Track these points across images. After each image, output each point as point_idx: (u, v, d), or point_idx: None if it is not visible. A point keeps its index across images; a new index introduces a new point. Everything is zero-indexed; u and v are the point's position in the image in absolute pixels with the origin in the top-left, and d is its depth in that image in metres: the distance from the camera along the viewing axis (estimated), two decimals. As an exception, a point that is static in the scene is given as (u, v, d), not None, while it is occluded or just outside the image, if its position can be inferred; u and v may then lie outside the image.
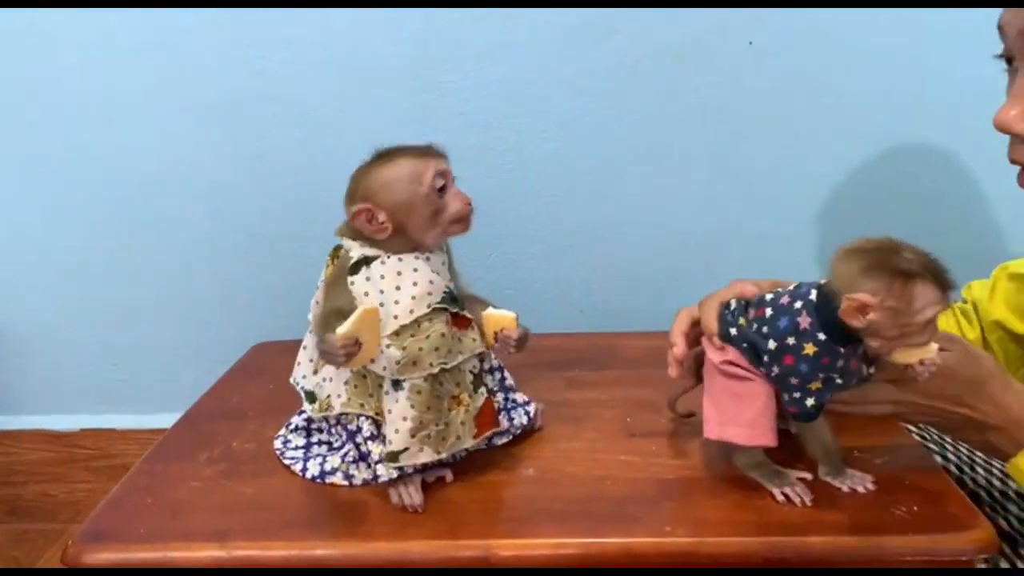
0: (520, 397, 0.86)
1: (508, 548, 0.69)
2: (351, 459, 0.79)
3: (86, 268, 1.29)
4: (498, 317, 0.78)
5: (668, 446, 0.85)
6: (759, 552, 0.69)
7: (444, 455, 0.75)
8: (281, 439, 0.86)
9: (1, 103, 1.22)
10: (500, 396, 0.84)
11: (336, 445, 0.82)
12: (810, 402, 0.71)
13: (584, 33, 1.14)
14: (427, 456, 0.74)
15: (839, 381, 0.70)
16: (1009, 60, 0.71)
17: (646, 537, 0.70)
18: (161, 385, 1.35)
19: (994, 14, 0.72)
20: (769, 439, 0.73)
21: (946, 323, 0.99)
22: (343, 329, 0.69)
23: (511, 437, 0.84)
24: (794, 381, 0.70)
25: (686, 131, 1.18)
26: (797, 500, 0.72)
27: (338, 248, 0.79)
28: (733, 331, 0.75)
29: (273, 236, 1.26)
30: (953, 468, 0.91)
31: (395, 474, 0.74)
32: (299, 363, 0.83)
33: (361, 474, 0.78)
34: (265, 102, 1.19)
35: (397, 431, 0.73)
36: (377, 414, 0.76)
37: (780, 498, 0.73)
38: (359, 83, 1.17)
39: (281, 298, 1.29)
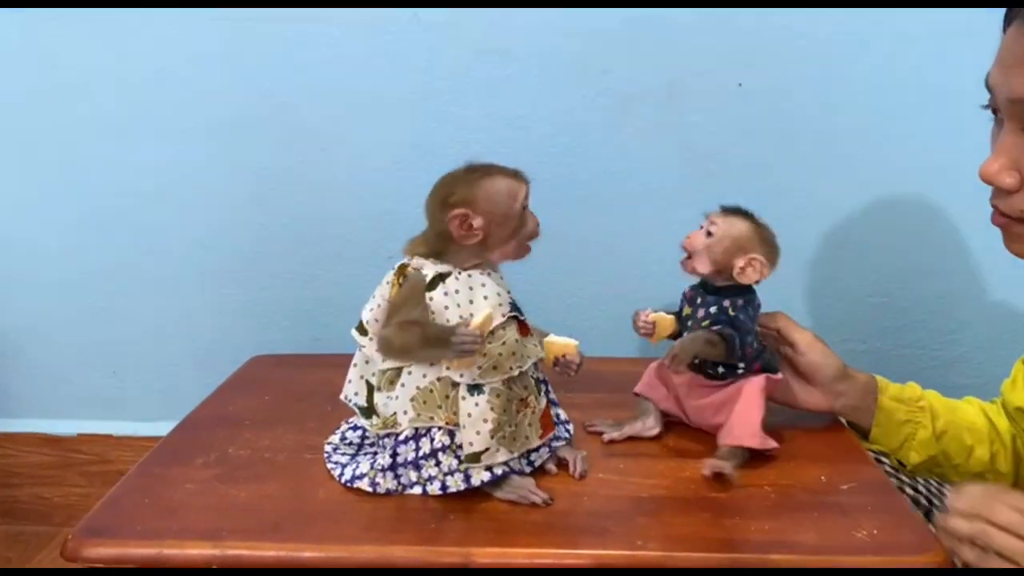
0: (562, 414, 0.90)
1: (486, 556, 0.73)
2: (379, 467, 0.82)
3: (89, 276, 1.33)
4: (561, 344, 0.86)
5: (645, 466, 0.88)
6: (725, 567, 0.72)
7: (515, 454, 0.81)
8: (331, 446, 0.90)
9: (6, 112, 1.26)
10: (545, 397, 0.88)
11: (377, 454, 0.86)
12: None
13: (578, 70, 1.19)
14: (503, 455, 0.80)
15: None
16: (995, 110, 0.75)
17: (618, 550, 0.73)
18: (159, 394, 1.38)
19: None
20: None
21: (996, 410, 1.02)
22: (476, 321, 0.76)
23: (564, 443, 0.88)
24: None
25: (676, 167, 1.23)
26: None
27: (403, 267, 0.83)
28: None
29: (271, 253, 1.30)
30: (923, 501, 0.94)
31: (486, 476, 0.79)
32: (350, 380, 0.87)
33: (386, 483, 0.82)
34: (270, 124, 1.24)
35: (479, 432, 0.78)
36: (448, 423, 0.80)
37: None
38: (362, 111, 1.22)
39: (277, 314, 1.33)
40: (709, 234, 0.90)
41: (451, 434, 0.80)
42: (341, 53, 1.20)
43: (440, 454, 0.80)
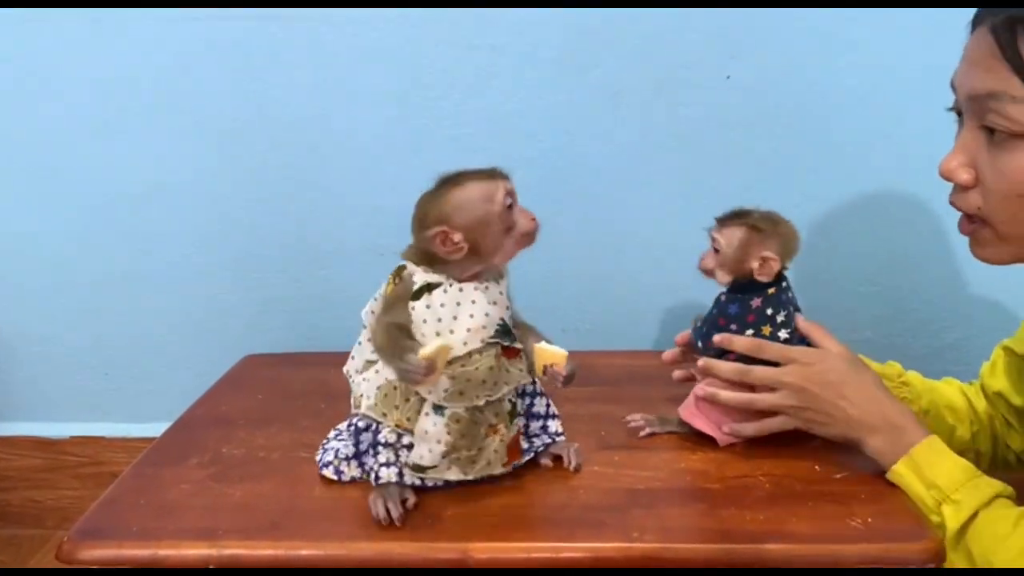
0: (551, 425, 0.87)
1: (483, 551, 0.73)
2: (343, 456, 0.83)
3: (80, 277, 1.32)
4: (550, 353, 0.82)
5: (639, 459, 0.89)
6: (721, 557, 0.73)
7: (471, 477, 0.80)
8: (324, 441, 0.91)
9: (1, 111, 1.25)
10: (520, 421, 0.85)
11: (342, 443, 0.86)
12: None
13: (568, 66, 1.18)
14: (454, 475, 0.79)
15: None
16: (959, 112, 0.76)
17: (614, 542, 0.74)
18: (151, 395, 1.37)
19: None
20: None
21: (974, 391, 1.03)
22: (425, 351, 0.73)
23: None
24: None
25: (666, 160, 1.23)
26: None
27: (401, 268, 0.82)
28: None
29: (262, 253, 1.29)
30: None
31: (416, 480, 0.79)
32: (353, 356, 0.86)
33: (350, 471, 0.83)
34: (260, 123, 1.23)
35: (430, 451, 0.78)
36: (398, 426, 0.79)
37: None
38: (353, 109, 1.22)
39: (269, 313, 1.33)
40: (716, 251, 0.92)
41: (398, 435, 0.80)
42: (331, 51, 1.19)
43: (380, 447, 0.80)
